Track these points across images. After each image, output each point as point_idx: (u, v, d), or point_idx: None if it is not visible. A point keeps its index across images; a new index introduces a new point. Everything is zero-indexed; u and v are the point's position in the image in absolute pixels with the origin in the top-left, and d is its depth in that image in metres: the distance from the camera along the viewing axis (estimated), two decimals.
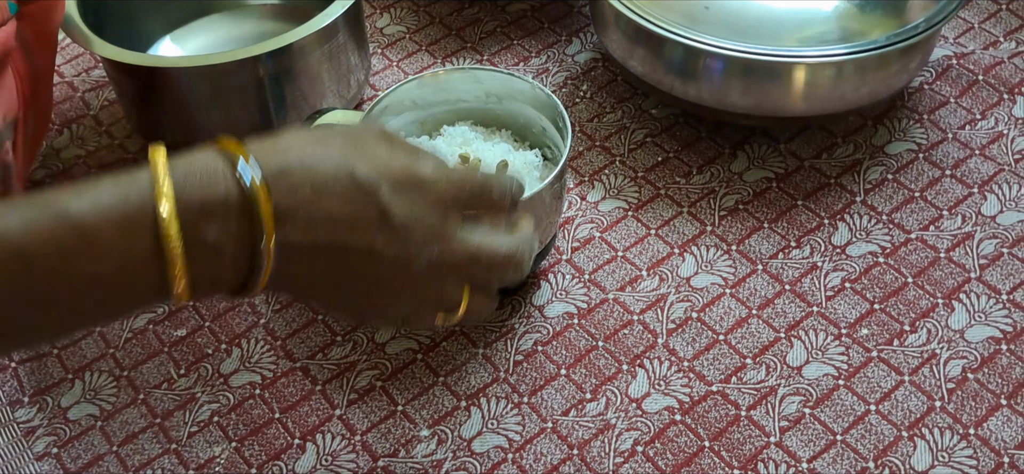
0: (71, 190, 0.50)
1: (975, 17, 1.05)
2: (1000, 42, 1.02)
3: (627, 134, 0.96)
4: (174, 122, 0.91)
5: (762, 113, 0.88)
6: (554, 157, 0.83)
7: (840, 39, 0.86)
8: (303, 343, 0.82)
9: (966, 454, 0.71)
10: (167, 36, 1.05)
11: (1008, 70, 0.98)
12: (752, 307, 0.81)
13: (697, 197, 0.90)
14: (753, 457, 0.72)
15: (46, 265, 0.49)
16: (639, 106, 0.99)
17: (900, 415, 0.73)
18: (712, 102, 0.89)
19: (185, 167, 0.52)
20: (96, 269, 0.50)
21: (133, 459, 0.75)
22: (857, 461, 0.71)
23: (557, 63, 1.05)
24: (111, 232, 0.49)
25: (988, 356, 0.76)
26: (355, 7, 0.92)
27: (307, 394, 0.78)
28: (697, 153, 0.94)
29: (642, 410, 0.75)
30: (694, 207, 0.89)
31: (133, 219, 0.50)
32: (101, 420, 0.78)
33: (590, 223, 0.88)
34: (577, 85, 1.02)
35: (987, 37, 1.03)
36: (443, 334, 0.81)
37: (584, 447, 0.73)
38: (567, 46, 1.07)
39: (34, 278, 0.49)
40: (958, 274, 0.82)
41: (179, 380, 0.80)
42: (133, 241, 0.50)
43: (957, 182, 0.89)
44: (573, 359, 0.78)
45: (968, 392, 0.74)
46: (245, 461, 0.74)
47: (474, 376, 0.78)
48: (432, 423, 0.75)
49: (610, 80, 1.02)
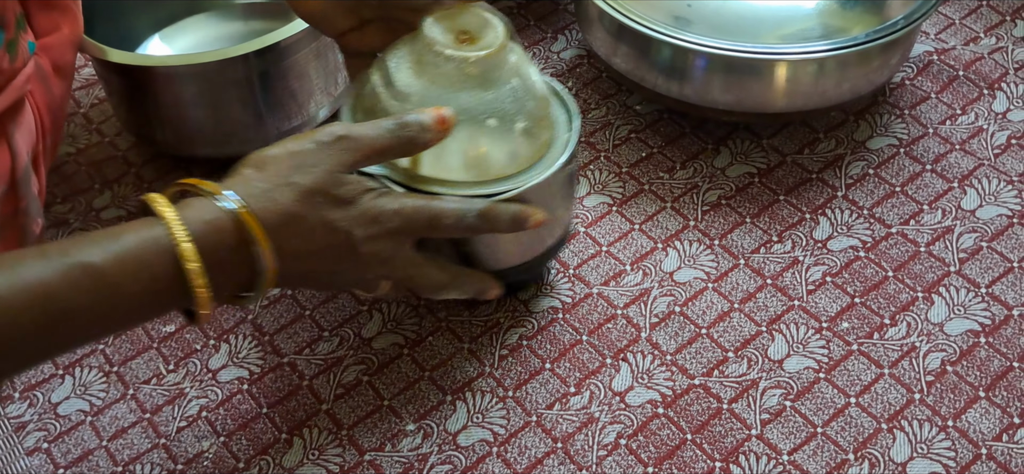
0: (92, 243, 0.59)
1: (956, 13, 1.06)
2: (981, 38, 1.03)
3: (611, 130, 0.97)
4: (163, 120, 0.92)
5: (744, 109, 0.89)
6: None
7: (821, 36, 0.87)
8: (290, 339, 0.82)
9: (945, 446, 0.72)
10: (156, 35, 1.05)
11: (988, 66, 0.99)
12: (734, 301, 0.82)
13: (680, 192, 0.91)
14: (735, 449, 0.73)
15: (73, 309, 0.58)
16: (623, 103, 1.00)
17: (880, 408, 0.74)
18: (695, 99, 0.90)
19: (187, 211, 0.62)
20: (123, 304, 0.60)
21: (123, 454, 0.76)
22: (837, 453, 0.72)
23: (542, 60, 1.06)
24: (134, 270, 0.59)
25: (967, 349, 0.78)
26: None
27: (294, 389, 0.79)
28: (681, 149, 0.95)
29: (625, 403, 0.76)
30: (677, 202, 0.90)
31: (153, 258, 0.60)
32: (91, 415, 0.78)
33: (575, 218, 0.89)
34: (562, 82, 1.02)
35: (968, 33, 1.04)
36: (429, 329, 0.82)
37: (568, 440, 0.74)
38: (552, 43, 1.08)
39: (60, 320, 0.58)
40: (938, 268, 0.83)
41: (168, 376, 0.81)
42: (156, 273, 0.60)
43: (937, 177, 0.90)
44: (557, 353, 0.79)
45: (947, 385, 0.76)
46: (233, 455, 0.75)
47: (459, 370, 0.79)
48: (418, 417, 0.76)
49: (595, 77, 1.03)
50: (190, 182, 0.64)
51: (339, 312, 0.84)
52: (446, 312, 0.83)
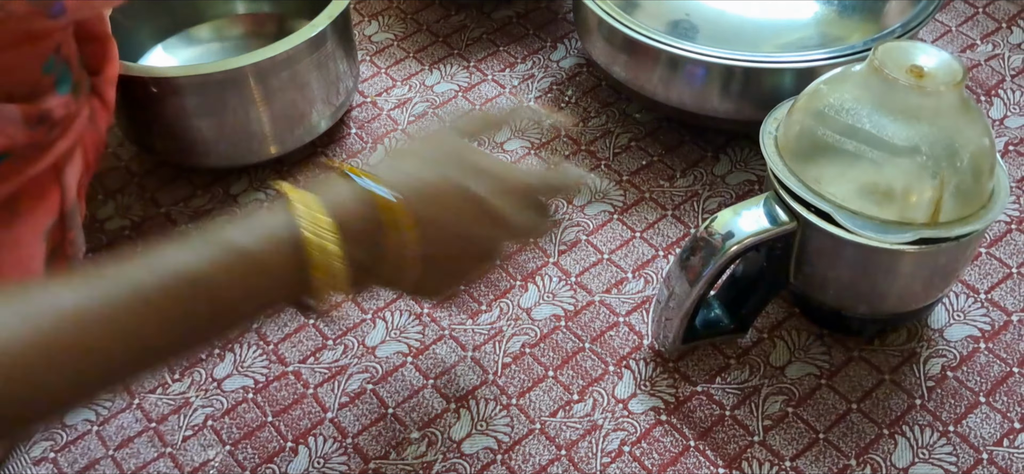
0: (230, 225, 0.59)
1: (952, 20, 1.06)
2: (977, 45, 1.04)
3: (612, 138, 0.98)
4: (165, 131, 0.92)
5: (744, 118, 0.89)
6: None
7: (819, 44, 0.88)
8: (295, 347, 0.83)
9: (946, 451, 0.73)
10: (158, 45, 1.06)
11: (985, 73, 1.00)
12: None
13: (681, 200, 0.91)
14: (737, 456, 0.73)
15: (219, 292, 0.57)
16: (623, 111, 1.00)
17: (881, 413, 0.75)
18: (694, 107, 0.90)
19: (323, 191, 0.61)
20: (259, 287, 0.59)
21: (129, 463, 0.76)
22: (839, 459, 0.73)
23: (542, 68, 1.06)
24: (272, 252, 0.58)
25: (967, 355, 0.78)
26: (343, 15, 0.93)
27: (299, 397, 0.79)
28: (680, 156, 0.95)
29: (628, 411, 0.76)
30: (678, 210, 0.90)
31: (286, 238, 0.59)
32: (97, 425, 0.79)
33: (576, 227, 0.89)
34: (562, 90, 1.03)
35: (964, 40, 1.04)
36: (433, 337, 0.82)
37: (572, 448, 0.74)
38: (552, 52, 1.08)
39: (207, 303, 0.56)
40: None
41: (173, 385, 0.81)
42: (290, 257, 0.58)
43: None
44: (560, 361, 0.80)
45: (948, 390, 0.76)
46: (239, 464, 0.76)
47: (463, 378, 0.79)
48: (422, 425, 0.77)
49: (594, 85, 1.04)
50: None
51: (343, 320, 0.84)
52: (450, 320, 0.83)
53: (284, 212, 0.59)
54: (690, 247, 0.73)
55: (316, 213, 0.59)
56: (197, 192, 0.96)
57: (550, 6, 1.14)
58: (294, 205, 0.59)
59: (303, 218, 0.59)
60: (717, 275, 0.72)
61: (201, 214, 0.94)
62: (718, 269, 0.72)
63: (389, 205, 0.61)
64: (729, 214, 0.73)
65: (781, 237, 0.72)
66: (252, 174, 0.97)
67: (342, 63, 0.96)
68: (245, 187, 0.96)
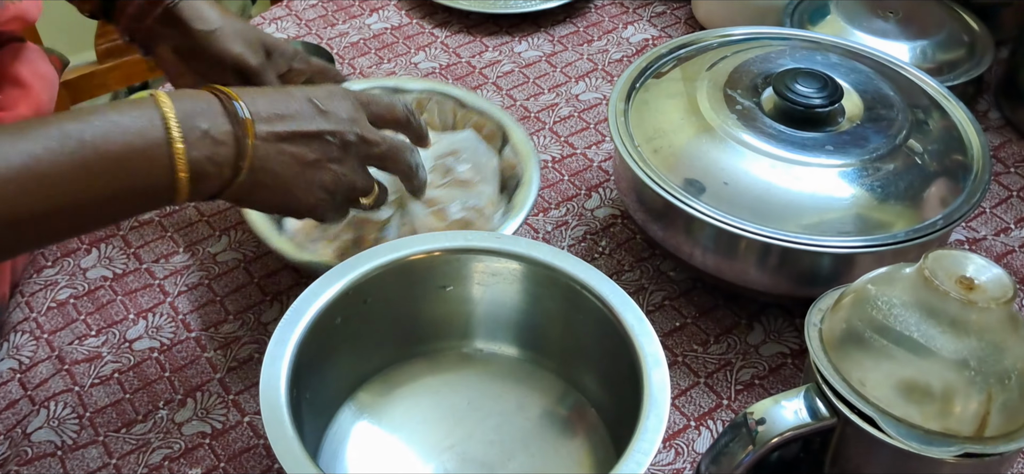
0: (81, 118, 0.67)
1: (987, 202, 1.07)
2: (1011, 229, 1.05)
3: (646, 295, 0.98)
4: None
5: (779, 291, 0.90)
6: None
7: (856, 228, 0.87)
8: (254, 398, 0.88)
9: None
10: None
11: (1020, 259, 1.01)
12: None
13: (714, 368, 0.91)
14: None
15: (69, 187, 0.66)
16: (657, 268, 1.01)
17: None
18: (731, 276, 0.91)
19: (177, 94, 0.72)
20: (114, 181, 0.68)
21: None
22: None
23: (576, 217, 1.07)
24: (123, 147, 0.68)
25: None
26: None
27: (253, 446, 0.85)
28: (714, 321, 0.96)
29: None
30: (711, 378, 0.90)
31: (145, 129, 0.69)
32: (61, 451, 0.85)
33: None
34: (596, 240, 1.04)
35: (998, 223, 1.05)
36: None
37: None
38: (586, 200, 1.09)
39: (55, 198, 0.65)
40: None
41: (90, 339, 0.93)
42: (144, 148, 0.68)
43: None
44: None
45: None
46: (134, 409, 0.87)
47: None
48: None
49: (628, 237, 1.04)
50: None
51: (244, 300, 0.96)
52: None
53: (150, 109, 0.69)
54: (729, 436, 0.73)
55: (168, 112, 0.69)
56: None
57: (586, 153, 1.15)
58: (159, 105, 0.69)
59: (168, 119, 0.69)
60: (753, 466, 0.73)
61: None
62: (755, 460, 0.72)
63: (242, 120, 0.72)
64: (769, 404, 0.73)
65: (820, 432, 0.73)
66: None
67: None
68: None
